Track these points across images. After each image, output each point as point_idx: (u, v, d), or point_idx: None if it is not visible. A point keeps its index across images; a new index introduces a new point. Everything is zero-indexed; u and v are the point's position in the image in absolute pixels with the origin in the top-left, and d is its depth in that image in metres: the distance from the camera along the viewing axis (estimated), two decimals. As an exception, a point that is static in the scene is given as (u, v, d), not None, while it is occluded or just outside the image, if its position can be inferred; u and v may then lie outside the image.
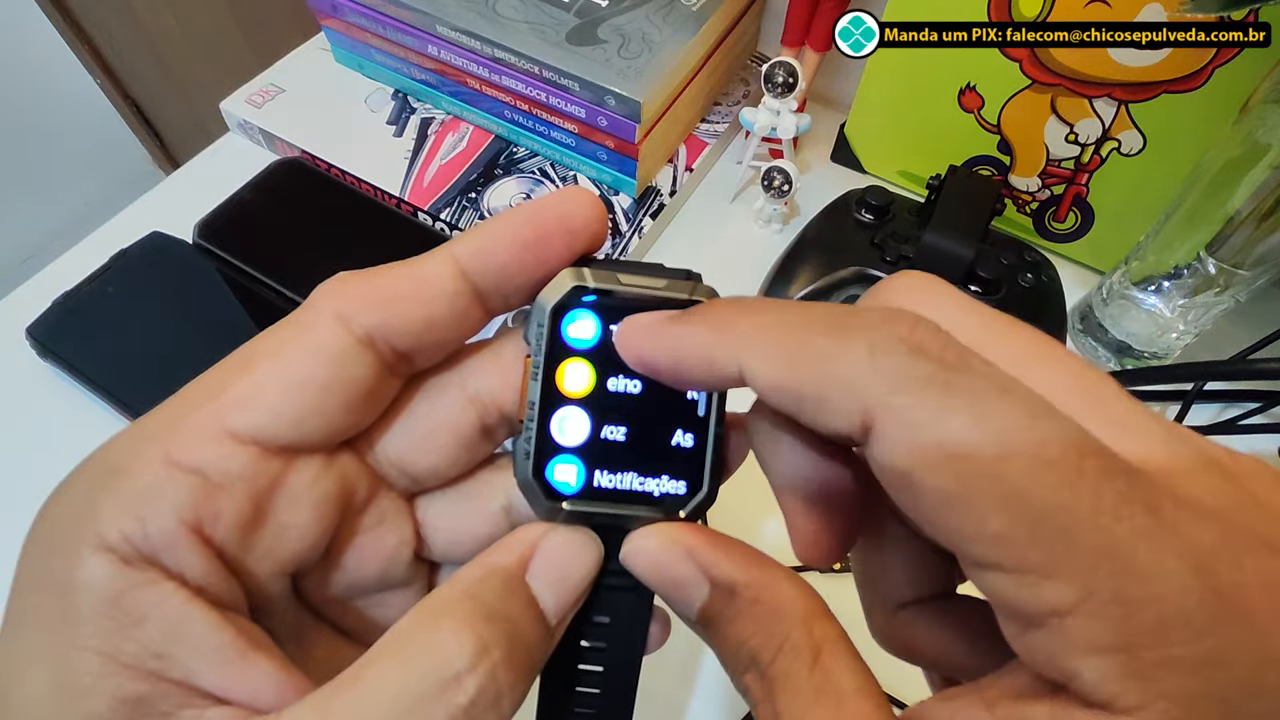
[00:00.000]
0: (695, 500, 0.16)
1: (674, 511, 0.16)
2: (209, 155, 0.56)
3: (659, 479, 0.16)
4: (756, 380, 0.13)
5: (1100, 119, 0.44)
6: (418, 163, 0.52)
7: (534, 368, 0.16)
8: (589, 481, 0.16)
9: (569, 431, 0.16)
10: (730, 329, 0.14)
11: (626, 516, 0.16)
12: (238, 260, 0.47)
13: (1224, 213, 0.37)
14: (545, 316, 0.16)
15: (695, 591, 0.15)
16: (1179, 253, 0.40)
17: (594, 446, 0.16)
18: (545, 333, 0.16)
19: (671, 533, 0.16)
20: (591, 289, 0.16)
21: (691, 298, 0.16)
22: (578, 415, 0.16)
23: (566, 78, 0.46)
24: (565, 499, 0.16)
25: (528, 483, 0.16)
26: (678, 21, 0.48)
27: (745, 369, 0.13)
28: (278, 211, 0.49)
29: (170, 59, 1.06)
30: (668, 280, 0.16)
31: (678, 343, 0.14)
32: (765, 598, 0.15)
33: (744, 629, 0.15)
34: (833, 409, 0.13)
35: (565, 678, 0.17)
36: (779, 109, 0.47)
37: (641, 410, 0.16)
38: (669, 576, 0.15)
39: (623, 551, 0.16)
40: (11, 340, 0.43)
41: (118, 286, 0.45)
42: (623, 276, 0.16)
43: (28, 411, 0.43)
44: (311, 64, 0.57)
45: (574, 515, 0.16)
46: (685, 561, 0.15)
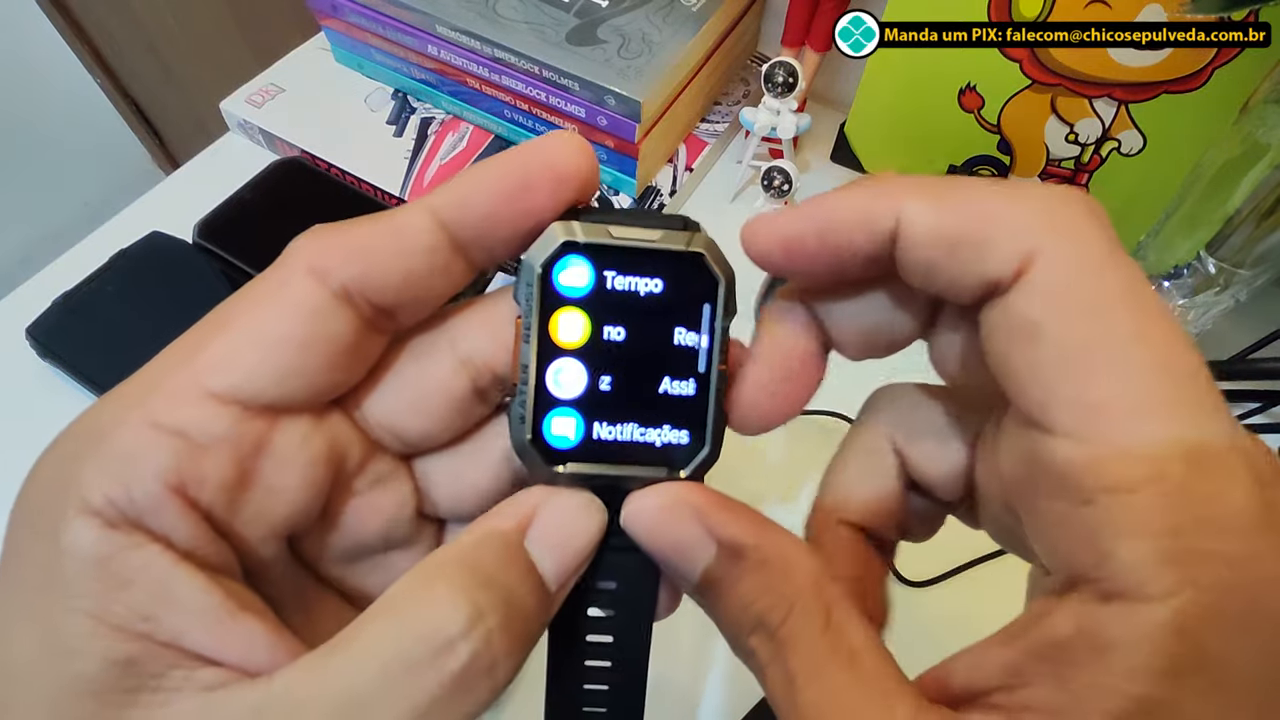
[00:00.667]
0: (699, 456, 0.16)
1: (677, 468, 0.16)
2: (209, 155, 0.56)
3: (660, 429, 0.16)
4: (917, 225, 0.13)
5: (1100, 119, 0.44)
6: (418, 162, 0.52)
7: (525, 329, 0.15)
8: (588, 435, 0.16)
9: (565, 384, 0.15)
10: (885, 184, 0.14)
11: (628, 477, 0.16)
12: (238, 260, 0.46)
13: (1224, 213, 0.37)
14: (534, 276, 0.15)
15: (700, 553, 0.15)
16: (1179, 252, 0.40)
17: (592, 397, 0.15)
18: (535, 291, 0.15)
19: (676, 492, 0.15)
20: (582, 244, 0.15)
21: (689, 248, 0.15)
22: (573, 366, 0.15)
23: (566, 78, 0.46)
24: (564, 459, 0.15)
25: (524, 447, 0.15)
26: (678, 21, 0.48)
27: (907, 217, 0.13)
28: (278, 211, 0.49)
29: (170, 59, 1.06)
30: (663, 231, 0.15)
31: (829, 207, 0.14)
32: (773, 560, 0.14)
33: (750, 591, 0.14)
34: (993, 251, 0.13)
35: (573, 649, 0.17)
36: (779, 109, 0.47)
37: (640, 359, 0.16)
38: (673, 537, 0.15)
39: (624, 512, 0.16)
40: (11, 340, 0.43)
41: (118, 286, 0.45)
42: (614, 229, 0.15)
43: (28, 411, 0.43)
44: (311, 64, 0.57)
45: (573, 478, 0.16)
46: (691, 522, 0.15)
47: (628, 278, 0.15)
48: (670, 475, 0.16)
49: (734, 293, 0.16)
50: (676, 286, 0.15)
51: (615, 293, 0.15)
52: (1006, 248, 0.13)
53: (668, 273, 0.15)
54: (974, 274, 0.13)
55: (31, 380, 0.43)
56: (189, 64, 1.04)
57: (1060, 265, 0.12)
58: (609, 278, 0.15)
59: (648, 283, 0.15)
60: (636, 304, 0.15)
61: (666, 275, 0.15)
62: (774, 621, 0.14)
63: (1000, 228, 0.13)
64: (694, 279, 0.15)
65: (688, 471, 0.16)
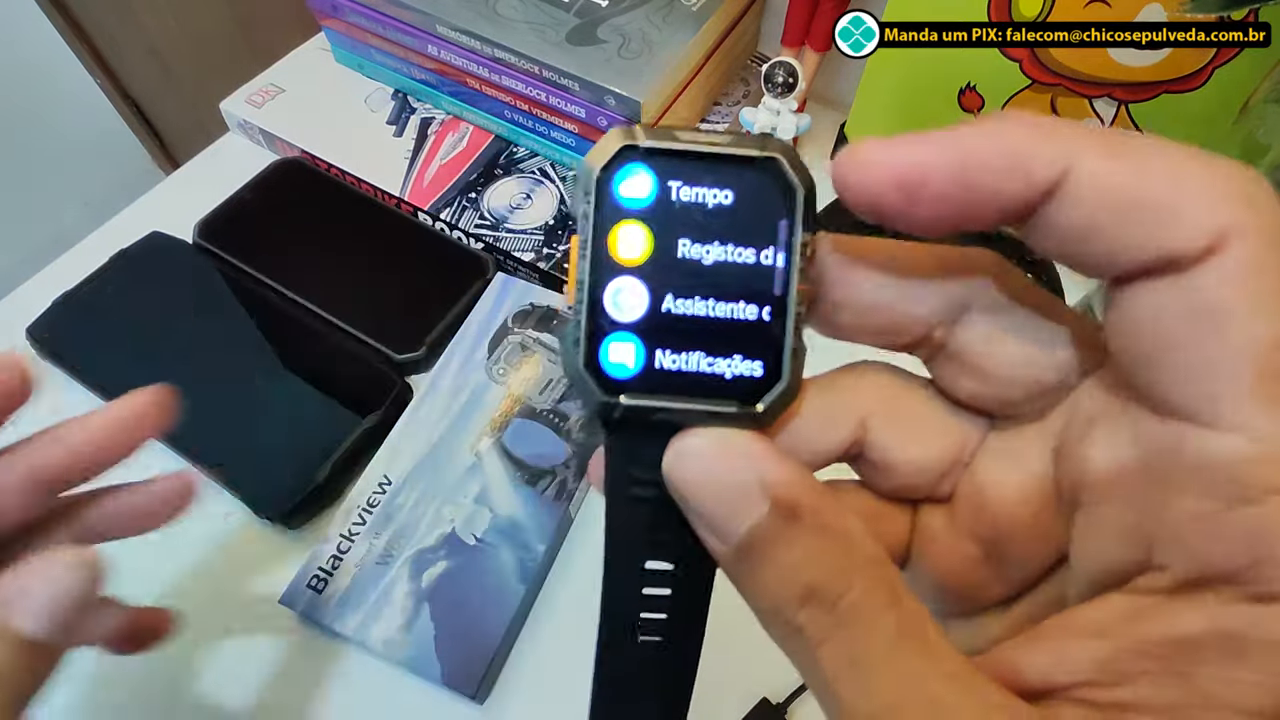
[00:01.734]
0: (775, 391, 0.14)
1: (749, 403, 0.14)
2: (209, 155, 0.56)
3: (730, 359, 0.14)
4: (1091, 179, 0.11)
5: (1100, 119, 0.44)
6: (418, 163, 0.52)
7: (581, 244, 0.14)
8: (649, 363, 0.14)
9: (625, 305, 0.14)
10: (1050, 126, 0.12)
11: (695, 411, 0.14)
12: (238, 260, 0.47)
13: (1224, 213, 0.37)
14: (592, 182, 0.14)
15: (750, 508, 0.13)
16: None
17: (654, 320, 0.14)
18: (593, 198, 0.14)
19: (728, 436, 0.14)
20: (644, 148, 0.14)
21: (764, 153, 0.14)
22: (634, 286, 0.14)
23: (566, 78, 0.46)
24: (622, 389, 0.14)
25: (578, 373, 0.14)
26: (678, 21, 0.48)
27: (1081, 168, 0.11)
28: (278, 211, 0.49)
29: (170, 59, 1.06)
30: (733, 136, 0.14)
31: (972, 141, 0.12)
32: (834, 526, 0.13)
33: (805, 557, 0.13)
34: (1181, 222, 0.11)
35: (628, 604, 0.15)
36: (779, 109, 0.47)
37: (709, 280, 0.14)
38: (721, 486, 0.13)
39: (668, 453, 0.14)
40: (11, 340, 0.43)
41: (118, 286, 0.45)
42: (681, 133, 0.14)
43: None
44: (311, 64, 0.57)
45: (633, 411, 0.14)
46: (744, 470, 0.13)
47: (695, 188, 0.14)
48: (742, 410, 0.14)
49: (814, 205, 0.14)
50: (750, 197, 0.14)
51: (681, 204, 0.14)
52: (1199, 220, 0.11)
53: (740, 182, 0.14)
54: (1151, 245, 0.11)
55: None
56: (189, 64, 1.04)
57: (1260, 249, 0.11)
58: (674, 188, 0.14)
59: (717, 193, 0.14)
60: (705, 217, 0.14)
61: (738, 185, 0.14)
62: (834, 592, 0.12)
63: (1193, 196, 0.11)
64: (769, 189, 0.14)
65: (764, 405, 0.14)
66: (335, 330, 0.44)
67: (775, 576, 0.13)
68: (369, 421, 0.41)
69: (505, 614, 0.36)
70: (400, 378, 0.43)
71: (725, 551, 0.13)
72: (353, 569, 0.36)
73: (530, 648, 0.37)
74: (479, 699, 0.35)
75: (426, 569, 0.36)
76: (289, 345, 0.43)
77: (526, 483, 0.39)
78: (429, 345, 0.44)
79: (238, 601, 0.37)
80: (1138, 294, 0.12)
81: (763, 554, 0.13)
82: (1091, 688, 0.12)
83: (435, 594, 0.36)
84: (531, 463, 0.39)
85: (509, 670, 0.36)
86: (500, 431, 0.40)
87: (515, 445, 0.40)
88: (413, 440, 0.40)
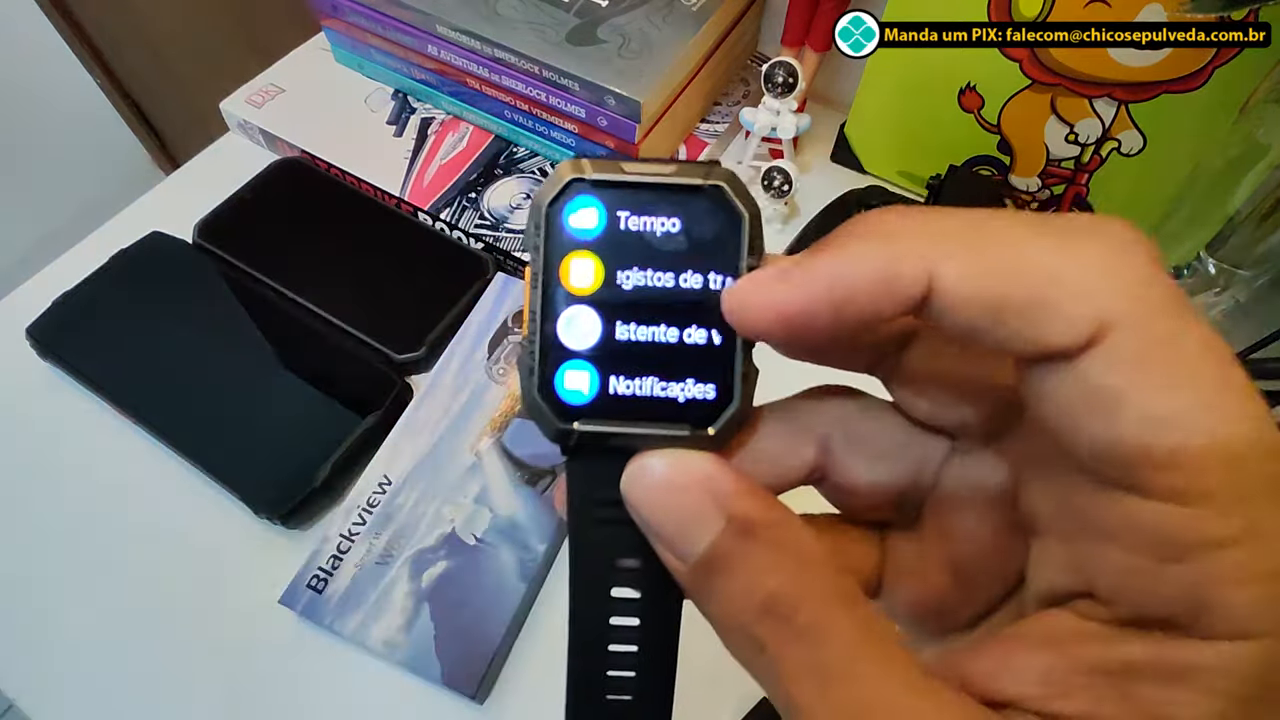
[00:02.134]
0: (727, 413, 0.14)
1: (703, 426, 0.14)
2: (209, 155, 0.56)
3: (683, 383, 0.14)
4: (957, 288, 0.12)
5: (1100, 119, 0.44)
6: (418, 163, 0.52)
7: (533, 275, 0.14)
8: (604, 389, 0.14)
9: (578, 334, 0.14)
10: (911, 234, 0.12)
11: (649, 435, 0.14)
12: (238, 260, 0.47)
13: (1224, 213, 0.37)
14: (541, 217, 0.14)
15: (707, 526, 0.13)
16: (1179, 253, 0.40)
17: (607, 349, 0.14)
18: (543, 230, 0.14)
19: (683, 457, 0.14)
20: (590, 180, 0.14)
21: (708, 181, 0.14)
22: (586, 314, 0.14)
23: (566, 78, 0.46)
24: (577, 416, 0.14)
25: (534, 402, 0.14)
26: (678, 21, 0.48)
27: (940, 277, 0.12)
28: (278, 211, 0.49)
29: (170, 59, 1.06)
30: (679, 165, 0.14)
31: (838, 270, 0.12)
32: (788, 540, 0.13)
33: (761, 572, 0.13)
34: (1059, 316, 0.11)
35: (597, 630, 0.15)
36: (779, 109, 0.47)
37: (659, 306, 0.14)
38: (678, 507, 0.14)
39: (625, 476, 0.14)
40: (11, 340, 0.43)
41: (118, 286, 0.45)
42: (627, 165, 0.14)
43: (28, 411, 0.43)
44: (311, 64, 0.57)
45: (589, 436, 0.14)
46: (699, 491, 0.13)
47: (642, 217, 0.14)
48: (695, 433, 0.14)
49: (760, 230, 0.14)
50: (696, 225, 0.14)
51: (629, 233, 0.14)
52: (1072, 315, 0.11)
53: (686, 210, 0.14)
54: (1030, 341, 0.12)
55: (31, 380, 0.43)
56: (189, 64, 1.04)
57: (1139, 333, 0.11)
58: (622, 217, 0.14)
59: (665, 221, 0.14)
60: (653, 245, 0.14)
61: (684, 213, 0.14)
62: (791, 605, 0.13)
63: (1061, 292, 0.11)
64: (715, 216, 0.14)
65: (716, 428, 0.14)
66: (335, 330, 0.44)
67: (734, 593, 0.13)
68: (369, 421, 0.41)
69: (505, 614, 0.36)
70: (400, 378, 0.43)
71: (684, 571, 0.14)
72: (353, 569, 0.36)
73: (530, 648, 0.37)
74: (479, 699, 0.35)
75: (426, 569, 0.36)
76: (289, 345, 0.43)
77: (526, 483, 0.39)
78: (429, 345, 0.44)
79: (238, 601, 0.37)
80: (1038, 374, 0.12)
81: (721, 571, 0.13)
82: (1038, 701, 0.12)
83: (435, 594, 0.36)
84: (531, 463, 0.39)
85: (509, 670, 0.36)
86: (500, 431, 0.40)
87: (515, 445, 0.40)
88: (413, 440, 0.40)
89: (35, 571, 0.38)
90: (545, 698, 0.35)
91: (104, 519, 0.40)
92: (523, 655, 0.36)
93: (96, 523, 0.39)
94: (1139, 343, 0.11)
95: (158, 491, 0.40)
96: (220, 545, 0.39)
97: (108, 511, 0.40)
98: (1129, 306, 0.11)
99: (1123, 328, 0.11)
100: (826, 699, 0.12)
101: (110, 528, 0.39)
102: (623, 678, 0.15)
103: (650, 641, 0.15)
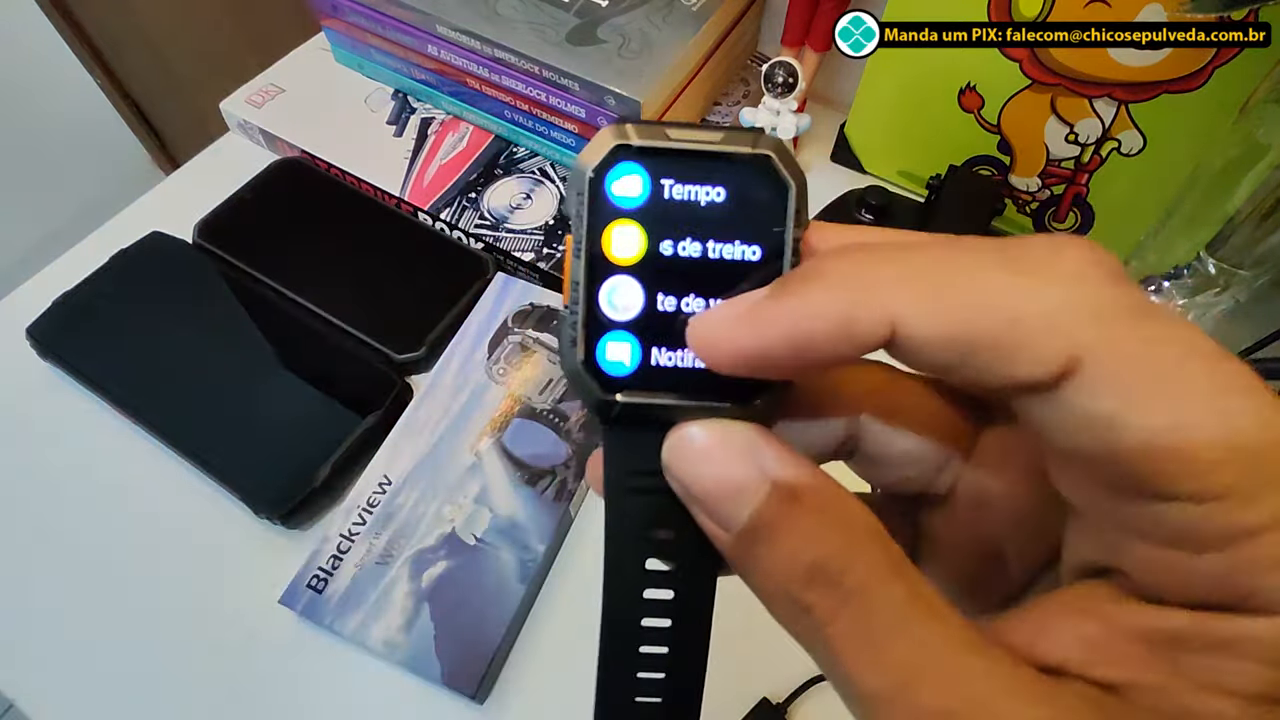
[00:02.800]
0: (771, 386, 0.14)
1: (744, 400, 0.14)
2: (209, 155, 0.56)
3: None
4: (919, 333, 0.12)
5: (1100, 119, 0.44)
6: (418, 163, 0.52)
7: (575, 243, 0.14)
8: (645, 361, 0.14)
9: (620, 304, 0.14)
10: (871, 279, 0.12)
11: (691, 407, 0.14)
12: (238, 260, 0.47)
13: (1224, 213, 0.37)
14: (585, 182, 0.14)
15: (751, 493, 0.13)
16: (1179, 253, 0.40)
17: (650, 318, 0.14)
18: (586, 199, 0.14)
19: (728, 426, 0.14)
20: (636, 147, 0.14)
21: (755, 150, 0.14)
22: (629, 285, 0.14)
23: (566, 78, 0.46)
24: (620, 387, 0.14)
25: (576, 372, 0.14)
26: (678, 21, 0.48)
27: (901, 323, 0.12)
28: (278, 211, 0.49)
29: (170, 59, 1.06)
30: (725, 133, 0.14)
31: (796, 316, 0.12)
32: (833, 504, 0.13)
33: (807, 538, 0.13)
34: (1025, 354, 0.11)
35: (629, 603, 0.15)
36: (779, 109, 0.47)
37: (704, 277, 0.14)
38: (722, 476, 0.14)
39: (668, 444, 0.14)
40: (11, 340, 0.43)
41: (118, 286, 0.45)
42: (672, 131, 0.14)
43: (28, 411, 0.43)
44: (311, 64, 0.57)
45: (631, 408, 0.14)
46: (744, 457, 0.13)
47: (687, 185, 0.14)
48: (737, 406, 0.14)
49: (806, 200, 0.14)
50: (742, 194, 0.14)
51: (674, 202, 0.14)
52: (1039, 352, 0.11)
53: (731, 179, 0.14)
54: (1000, 377, 0.12)
55: (31, 380, 0.43)
56: (189, 64, 1.04)
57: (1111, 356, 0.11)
58: (666, 186, 0.14)
59: (709, 190, 0.14)
60: (698, 215, 0.14)
61: (730, 182, 0.14)
62: (837, 568, 0.12)
63: (1027, 330, 0.11)
64: (761, 185, 0.14)
65: (761, 400, 0.14)
66: (335, 330, 0.44)
67: (780, 559, 0.13)
68: (369, 421, 0.41)
69: (505, 614, 0.36)
70: (400, 378, 0.43)
71: (728, 539, 0.14)
72: (353, 569, 0.36)
73: (530, 648, 0.37)
74: (479, 699, 0.35)
75: (426, 569, 0.36)
76: (289, 345, 0.43)
77: (526, 483, 0.39)
78: (429, 345, 0.44)
79: (238, 601, 0.37)
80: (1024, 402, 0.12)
81: (766, 538, 0.13)
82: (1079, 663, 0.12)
83: (435, 594, 0.36)
84: (531, 463, 0.39)
85: (509, 670, 0.36)
86: (500, 431, 0.40)
87: (515, 445, 0.40)
88: (413, 440, 0.40)
89: (35, 571, 0.38)
90: (545, 698, 0.35)
91: (104, 519, 0.40)
92: (523, 655, 0.36)
93: (96, 523, 0.39)
94: (1114, 365, 0.11)
95: (158, 491, 0.40)
96: (220, 545, 0.39)
97: (108, 511, 0.40)
98: (1096, 333, 0.11)
99: (1094, 355, 0.11)
100: (879, 662, 0.12)
101: (110, 528, 0.39)
102: (655, 654, 0.15)
103: (684, 617, 0.15)
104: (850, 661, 0.12)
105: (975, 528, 0.16)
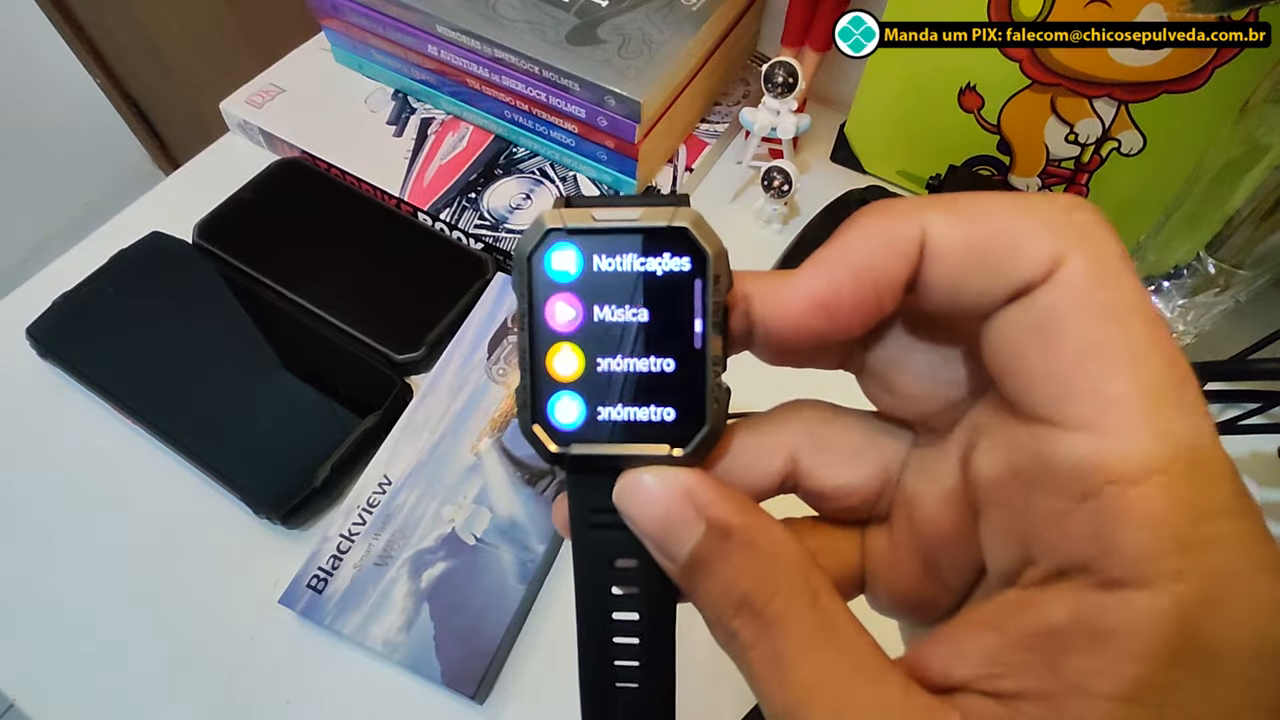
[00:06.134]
0: (699, 434, 0.16)
1: (678, 446, 0.16)
2: (209, 155, 0.56)
3: (661, 408, 0.16)
4: (946, 239, 0.14)
5: (1100, 119, 0.44)
6: (418, 163, 0.52)
7: (521, 316, 0.16)
8: (591, 416, 0.16)
9: (565, 368, 0.16)
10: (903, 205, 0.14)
11: (632, 456, 0.16)
12: (237, 260, 0.47)
13: (1224, 213, 0.37)
14: (524, 262, 0.16)
15: (689, 533, 0.15)
16: (1179, 253, 0.40)
17: (591, 379, 0.16)
18: (525, 279, 0.16)
19: (667, 471, 0.16)
20: (566, 230, 0.16)
21: (671, 224, 0.15)
22: (571, 350, 0.16)
23: (566, 78, 0.46)
24: (570, 440, 0.16)
25: (529, 432, 0.16)
26: (678, 21, 0.48)
27: (934, 232, 0.14)
28: (278, 211, 0.49)
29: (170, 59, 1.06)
30: (644, 209, 0.16)
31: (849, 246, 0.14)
32: (761, 541, 0.15)
33: (737, 571, 0.15)
34: (1024, 256, 0.13)
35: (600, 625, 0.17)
36: (779, 109, 0.47)
37: (635, 339, 0.16)
38: (664, 516, 0.15)
39: (616, 490, 0.16)
40: (11, 340, 0.43)
41: (118, 286, 0.45)
42: (597, 212, 0.16)
43: (28, 411, 0.43)
44: (311, 64, 0.57)
45: (579, 459, 0.16)
46: (681, 500, 0.15)
47: (614, 258, 0.16)
48: (672, 453, 0.16)
49: (726, 265, 0.16)
50: (664, 264, 0.16)
51: (605, 274, 0.16)
52: (1037, 251, 0.13)
53: (654, 250, 0.15)
54: (1006, 279, 0.13)
55: (31, 380, 0.43)
56: (189, 64, 1.05)
57: (1085, 266, 0.13)
58: (596, 260, 0.16)
59: (635, 261, 0.16)
60: (628, 283, 0.16)
61: (653, 253, 0.16)
62: (761, 600, 0.14)
63: (1028, 234, 0.13)
64: (681, 255, 0.16)
65: (689, 449, 0.16)
66: (335, 330, 0.44)
67: (715, 589, 0.15)
68: (369, 421, 0.41)
69: (505, 614, 0.36)
70: (400, 378, 0.43)
71: (675, 570, 0.15)
72: (352, 569, 0.36)
73: (530, 648, 0.37)
74: (479, 699, 0.35)
75: (426, 569, 0.36)
76: (289, 345, 0.43)
77: (526, 483, 0.39)
78: (429, 345, 0.44)
79: (237, 602, 0.37)
80: (998, 320, 0.14)
81: (704, 570, 0.15)
82: (985, 680, 0.13)
83: (435, 594, 0.36)
84: (531, 463, 0.39)
85: (509, 670, 0.36)
86: (500, 431, 0.40)
87: (515, 445, 0.40)
88: (413, 440, 0.40)
89: (35, 571, 0.38)
90: (545, 698, 0.35)
91: (104, 519, 0.40)
92: (523, 655, 0.36)
93: (96, 523, 0.39)
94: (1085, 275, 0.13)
95: (158, 492, 0.40)
96: (220, 545, 0.39)
97: (107, 512, 0.40)
98: (1080, 245, 0.13)
99: (1075, 259, 0.13)
100: (784, 682, 0.14)
101: (110, 528, 0.39)
102: (628, 666, 0.17)
103: (650, 633, 0.17)
104: (764, 682, 0.14)
105: (912, 547, 0.17)
